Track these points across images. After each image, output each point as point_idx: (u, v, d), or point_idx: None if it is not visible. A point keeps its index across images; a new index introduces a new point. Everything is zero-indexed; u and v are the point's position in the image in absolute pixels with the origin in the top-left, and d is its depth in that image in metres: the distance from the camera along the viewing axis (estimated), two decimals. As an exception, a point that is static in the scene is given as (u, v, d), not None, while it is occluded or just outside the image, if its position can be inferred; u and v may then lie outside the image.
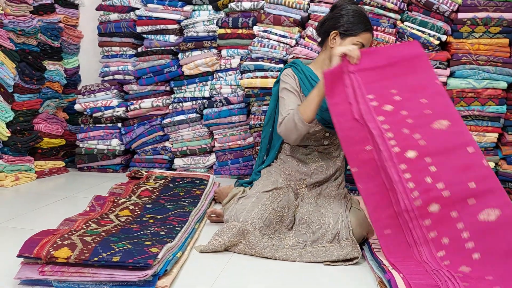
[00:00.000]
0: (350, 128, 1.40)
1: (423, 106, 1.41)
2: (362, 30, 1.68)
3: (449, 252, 1.23)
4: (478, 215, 1.24)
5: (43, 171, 2.62)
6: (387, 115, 1.39)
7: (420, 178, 1.28)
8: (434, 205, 1.26)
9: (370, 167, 1.36)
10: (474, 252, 1.22)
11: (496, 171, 2.38)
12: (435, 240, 1.25)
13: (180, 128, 2.74)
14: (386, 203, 1.32)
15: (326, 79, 1.44)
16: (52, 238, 1.29)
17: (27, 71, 2.50)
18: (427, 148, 1.33)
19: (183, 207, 1.78)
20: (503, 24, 2.28)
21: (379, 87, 1.45)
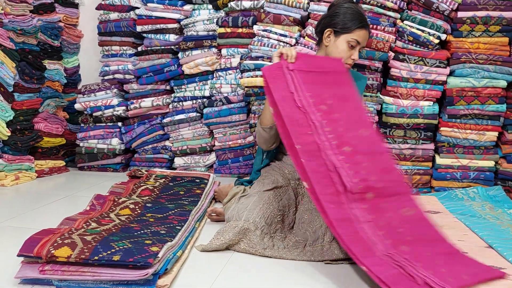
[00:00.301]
0: (293, 112, 1.49)
1: (350, 114, 1.58)
2: (356, 27, 1.69)
3: (386, 232, 1.33)
4: (400, 210, 1.41)
5: (43, 171, 2.62)
6: (324, 112, 1.53)
7: (357, 169, 1.42)
8: (370, 194, 1.40)
9: (313, 148, 1.44)
10: (406, 235, 1.35)
11: (496, 169, 2.38)
12: (375, 221, 1.35)
13: (180, 127, 2.74)
14: (326, 182, 1.38)
15: (264, 73, 1.56)
16: (53, 237, 1.29)
17: (27, 71, 2.51)
18: (357, 148, 1.48)
19: (184, 206, 1.78)
20: (502, 23, 2.28)
21: (316, 89, 1.58)
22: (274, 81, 1.54)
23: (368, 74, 2.37)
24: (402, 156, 2.41)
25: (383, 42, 2.32)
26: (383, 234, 1.33)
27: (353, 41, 1.70)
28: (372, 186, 1.40)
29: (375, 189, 1.40)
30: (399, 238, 1.33)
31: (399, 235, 1.34)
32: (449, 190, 2.35)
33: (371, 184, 1.40)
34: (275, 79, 1.55)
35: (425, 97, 2.36)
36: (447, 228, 1.76)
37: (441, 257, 1.32)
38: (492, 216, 1.94)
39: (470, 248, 1.55)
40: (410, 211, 1.42)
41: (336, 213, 1.32)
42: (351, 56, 1.74)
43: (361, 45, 1.75)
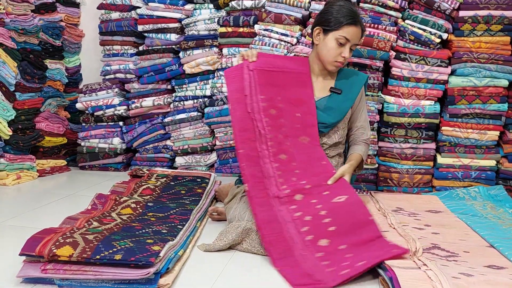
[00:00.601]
0: (243, 117, 1.63)
1: (295, 120, 1.68)
2: (344, 23, 1.67)
3: (311, 227, 1.43)
4: (332, 199, 1.50)
5: (44, 170, 2.62)
6: (271, 117, 1.64)
7: (288, 177, 1.55)
8: (299, 195, 1.52)
9: (254, 154, 1.58)
10: (330, 226, 1.43)
11: (498, 169, 2.38)
12: (300, 218, 1.46)
13: (182, 126, 2.74)
14: (262, 186, 1.53)
15: (225, 74, 1.71)
16: (54, 236, 1.29)
17: (29, 70, 2.51)
18: (294, 155, 1.61)
19: (185, 205, 1.78)
20: (504, 22, 2.28)
21: (271, 90, 1.68)
22: (233, 82, 1.68)
23: (369, 73, 2.37)
24: (403, 155, 2.41)
25: (384, 42, 2.32)
26: (307, 230, 1.43)
27: (341, 38, 1.68)
28: (302, 188, 1.53)
29: (305, 190, 1.53)
30: (322, 230, 1.42)
31: (322, 226, 1.43)
32: (451, 189, 2.35)
33: (300, 187, 1.53)
34: (234, 80, 1.68)
35: (426, 97, 2.36)
36: (449, 227, 1.76)
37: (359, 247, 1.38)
38: (493, 216, 1.93)
39: (471, 247, 1.55)
40: (342, 198, 1.50)
41: (265, 216, 1.46)
42: (340, 53, 1.71)
43: (352, 42, 1.71)
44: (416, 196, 2.29)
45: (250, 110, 1.63)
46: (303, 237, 1.41)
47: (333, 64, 1.72)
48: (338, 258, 1.34)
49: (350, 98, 1.75)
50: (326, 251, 1.37)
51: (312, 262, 1.33)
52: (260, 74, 1.69)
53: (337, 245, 1.39)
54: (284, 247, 1.40)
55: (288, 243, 1.41)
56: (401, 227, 1.69)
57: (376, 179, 2.47)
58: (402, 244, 1.51)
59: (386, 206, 2.00)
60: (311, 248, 1.38)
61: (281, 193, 1.51)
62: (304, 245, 1.39)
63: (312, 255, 1.36)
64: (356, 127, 1.78)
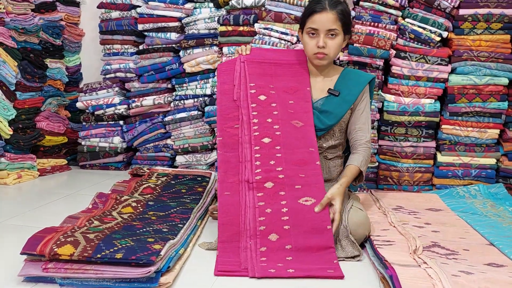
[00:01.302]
0: (227, 106, 1.69)
1: (289, 106, 1.69)
2: (307, 16, 1.66)
3: (267, 219, 1.46)
4: (299, 199, 1.50)
5: (45, 169, 2.63)
6: (259, 103, 1.68)
7: (266, 161, 1.57)
8: (269, 183, 1.53)
9: (233, 141, 1.63)
10: (286, 224, 1.45)
11: (498, 167, 2.38)
12: (261, 207, 1.48)
13: (182, 125, 2.74)
14: (235, 172, 1.57)
15: (218, 68, 1.78)
16: (55, 235, 1.30)
17: (29, 69, 2.51)
18: (280, 139, 1.62)
19: (185, 204, 1.78)
20: (504, 20, 2.28)
21: (262, 79, 1.74)
22: (223, 75, 1.75)
23: (369, 71, 2.36)
24: (403, 153, 2.41)
25: (385, 40, 2.31)
26: (263, 220, 1.46)
27: (309, 29, 1.66)
28: (275, 177, 1.54)
29: (277, 179, 1.54)
30: (277, 225, 1.45)
31: (279, 222, 1.46)
32: (451, 188, 2.35)
33: (274, 175, 1.54)
34: (225, 73, 1.75)
35: (427, 95, 2.36)
36: (449, 225, 1.77)
37: (303, 252, 1.40)
38: (493, 214, 1.94)
39: (472, 245, 1.55)
40: (309, 201, 1.50)
41: (228, 199, 1.51)
42: (316, 44, 1.65)
43: (322, 29, 1.63)
44: (416, 194, 2.30)
45: (236, 98, 1.68)
46: (257, 225, 1.45)
47: (315, 58, 1.68)
48: (276, 257, 1.38)
49: (348, 101, 1.71)
50: (271, 246, 1.41)
51: (251, 255, 1.38)
52: (251, 64, 1.75)
53: (284, 243, 1.41)
54: (234, 230, 1.45)
55: (239, 227, 1.46)
56: (401, 225, 1.70)
57: (376, 178, 2.47)
58: (402, 242, 1.52)
59: (386, 205, 2.00)
60: (259, 239, 1.42)
61: (251, 178, 1.53)
62: (254, 233, 1.43)
63: (255, 246, 1.40)
64: (355, 129, 1.72)
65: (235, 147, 1.62)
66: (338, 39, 1.67)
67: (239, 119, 1.66)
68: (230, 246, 1.43)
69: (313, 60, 1.71)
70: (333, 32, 1.64)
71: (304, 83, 1.75)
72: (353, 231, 1.50)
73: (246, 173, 1.55)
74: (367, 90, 1.77)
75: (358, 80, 1.76)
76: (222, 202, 1.52)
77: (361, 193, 2.25)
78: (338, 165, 1.80)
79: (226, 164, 1.58)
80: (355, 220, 1.53)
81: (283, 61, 1.80)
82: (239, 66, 1.75)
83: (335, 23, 1.63)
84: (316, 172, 1.57)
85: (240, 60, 1.76)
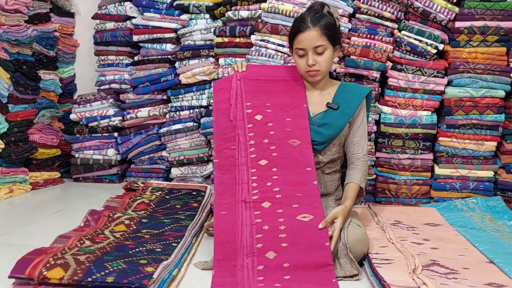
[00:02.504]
0: (224, 127, 1.68)
1: (286, 124, 1.68)
2: (293, 37, 1.67)
3: (265, 236, 1.44)
4: (297, 216, 1.48)
5: (38, 182, 2.58)
6: (256, 123, 1.67)
7: (263, 183, 1.56)
8: (267, 203, 1.52)
9: (230, 162, 1.62)
10: (284, 241, 1.43)
11: (495, 180, 2.36)
12: (258, 224, 1.46)
13: (177, 137, 2.71)
14: (231, 193, 1.56)
15: (213, 85, 1.78)
16: (45, 257, 1.26)
17: (22, 81, 2.48)
18: (277, 160, 1.60)
19: (180, 221, 1.75)
20: (500, 33, 2.28)
21: (258, 97, 1.72)
22: (219, 93, 1.74)
23: (366, 84, 2.35)
24: (401, 166, 2.39)
25: (381, 52, 2.30)
26: (261, 237, 1.43)
27: (297, 50, 1.66)
28: (272, 197, 1.53)
29: (274, 199, 1.52)
30: (274, 242, 1.42)
31: (276, 239, 1.43)
32: (449, 200, 2.33)
33: (271, 195, 1.53)
34: (221, 91, 1.74)
35: (423, 107, 2.35)
36: (448, 241, 1.74)
37: (302, 270, 1.38)
38: (492, 228, 1.92)
39: (471, 263, 1.53)
40: (307, 217, 1.48)
41: (224, 218, 1.49)
42: (306, 62, 1.65)
43: (309, 48, 1.62)
44: (414, 208, 2.27)
45: (233, 118, 1.67)
46: (254, 243, 1.42)
47: (308, 75, 1.69)
48: (273, 277, 1.35)
49: (347, 114, 1.70)
50: (268, 265, 1.38)
51: (247, 274, 1.35)
52: (247, 82, 1.74)
53: (282, 261, 1.38)
54: (230, 248, 1.43)
55: (236, 245, 1.43)
56: (400, 242, 1.67)
57: (374, 190, 2.45)
58: (400, 260, 1.49)
59: (385, 219, 1.98)
60: (256, 257, 1.39)
61: (248, 198, 1.52)
62: (251, 251, 1.41)
63: (252, 265, 1.37)
64: (352, 143, 1.72)
65: (232, 169, 1.60)
66: (327, 53, 1.65)
67: (235, 139, 1.65)
68: (226, 264, 1.39)
69: (307, 78, 1.72)
70: (320, 49, 1.63)
71: (300, 99, 1.73)
72: (351, 248, 1.48)
73: (243, 194, 1.53)
74: (365, 103, 1.76)
75: (356, 93, 1.75)
76: (218, 220, 1.50)
77: (359, 207, 2.22)
78: (336, 180, 1.78)
79: (223, 186, 1.57)
80: (354, 237, 1.50)
81: (279, 77, 1.79)
82: (235, 84, 1.73)
83: (320, 39, 1.62)
84: (313, 192, 1.55)
85: (236, 77, 1.75)
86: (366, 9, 2.34)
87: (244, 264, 1.38)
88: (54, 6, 2.83)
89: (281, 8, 2.40)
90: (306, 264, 1.38)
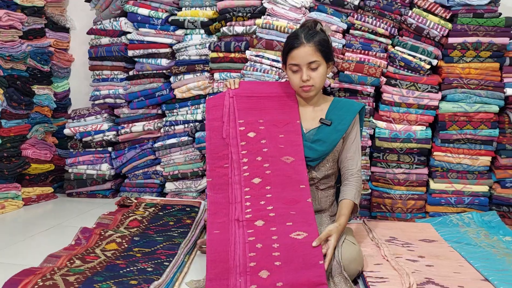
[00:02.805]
0: (217, 145, 1.67)
1: (279, 140, 1.66)
2: (287, 53, 1.68)
3: (258, 255, 1.42)
4: (291, 234, 1.47)
5: (30, 198, 2.56)
6: (249, 140, 1.66)
7: (256, 201, 1.54)
8: (260, 221, 1.50)
9: (223, 181, 1.60)
10: (277, 260, 1.41)
11: (490, 194, 2.36)
12: (251, 242, 1.45)
13: (172, 151, 2.70)
14: (224, 212, 1.54)
15: (206, 102, 1.78)
16: (33, 278, 1.24)
17: (15, 97, 2.47)
18: (270, 178, 1.59)
19: (173, 239, 1.73)
20: (493, 49, 2.29)
21: (251, 114, 1.71)
22: (212, 111, 1.73)
23: (360, 99, 2.36)
24: (396, 180, 2.38)
25: (375, 68, 2.32)
26: (254, 256, 1.42)
27: (291, 66, 1.67)
28: (265, 215, 1.51)
29: (267, 217, 1.50)
30: (267, 261, 1.41)
31: (269, 258, 1.41)
32: (444, 215, 2.32)
33: (264, 213, 1.51)
34: (214, 109, 1.73)
35: (418, 122, 2.35)
36: (443, 258, 1.73)
37: None
38: (487, 244, 1.90)
39: (466, 281, 1.51)
40: (301, 235, 1.46)
41: (216, 237, 1.48)
42: (300, 78, 1.65)
43: (303, 63, 1.63)
44: (409, 224, 2.26)
45: (225, 136, 1.67)
46: (247, 261, 1.40)
47: (301, 91, 1.69)
48: None
49: (340, 130, 1.70)
50: (261, 284, 1.35)
51: (239, 286, 1.34)
52: (240, 99, 1.73)
53: (275, 280, 1.36)
54: (223, 267, 1.41)
55: (229, 264, 1.41)
56: (395, 260, 1.65)
57: (369, 205, 2.43)
58: (395, 278, 1.48)
59: (380, 236, 1.96)
60: (249, 276, 1.37)
61: (242, 217, 1.50)
62: (244, 270, 1.39)
63: (245, 285, 1.35)
64: (346, 158, 1.72)
65: (225, 188, 1.58)
66: (321, 69, 1.66)
67: (228, 157, 1.63)
68: (218, 284, 1.37)
69: (301, 93, 1.72)
70: (314, 65, 1.64)
71: (293, 116, 1.72)
72: (345, 267, 1.46)
73: (236, 213, 1.52)
74: (358, 119, 1.76)
75: (349, 109, 1.75)
76: (211, 239, 1.48)
77: (354, 222, 2.21)
78: (330, 196, 1.77)
79: (216, 205, 1.56)
80: (348, 255, 1.49)
81: (272, 94, 1.78)
82: (228, 101, 1.72)
83: (314, 55, 1.63)
84: (307, 210, 1.53)
85: (228, 95, 1.74)
86: (360, 25, 2.36)
87: (237, 284, 1.36)
88: (49, 21, 2.84)
89: (275, 24, 2.42)
90: (299, 283, 1.36)
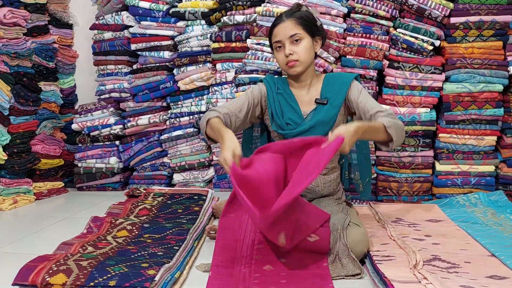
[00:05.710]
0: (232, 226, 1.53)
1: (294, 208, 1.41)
2: (270, 33, 1.70)
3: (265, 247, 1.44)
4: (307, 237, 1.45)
5: (41, 193, 2.61)
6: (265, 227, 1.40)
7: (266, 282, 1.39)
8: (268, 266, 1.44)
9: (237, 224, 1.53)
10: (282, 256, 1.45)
11: (497, 174, 2.36)
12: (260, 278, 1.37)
13: (178, 143, 2.73)
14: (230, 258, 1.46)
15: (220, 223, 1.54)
16: (48, 264, 1.27)
17: (23, 93, 2.51)
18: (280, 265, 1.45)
19: (182, 225, 1.76)
20: (496, 27, 2.28)
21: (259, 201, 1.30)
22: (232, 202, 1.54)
23: (363, 83, 2.36)
24: (401, 164, 2.39)
25: (377, 51, 2.32)
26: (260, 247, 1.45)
27: (275, 44, 1.68)
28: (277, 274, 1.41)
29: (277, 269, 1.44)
30: (272, 257, 1.43)
31: (274, 253, 1.44)
32: (451, 197, 2.32)
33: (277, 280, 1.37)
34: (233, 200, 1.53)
35: (422, 104, 2.35)
36: (449, 237, 1.74)
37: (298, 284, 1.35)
38: (494, 223, 1.91)
39: (473, 257, 1.52)
40: (313, 238, 1.47)
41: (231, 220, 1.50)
42: (285, 54, 1.65)
43: (284, 39, 1.63)
44: (416, 205, 2.27)
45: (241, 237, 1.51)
46: (253, 253, 1.44)
47: (288, 68, 1.67)
48: (270, 281, 1.34)
49: (337, 105, 1.68)
50: (265, 274, 1.38)
51: (243, 276, 1.36)
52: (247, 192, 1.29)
53: (279, 272, 1.40)
54: (229, 256, 1.44)
55: (236, 253, 1.44)
56: (401, 239, 1.67)
57: (375, 189, 2.44)
58: (402, 257, 1.49)
59: (386, 217, 1.98)
60: (254, 267, 1.41)
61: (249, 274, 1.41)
62: (249, 261, 1.42)
63: (250, 274, 1.37)
64: (364, 109, 1.61)
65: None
66: (304, 43, 1.66)
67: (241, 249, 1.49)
68: (223, 271, 1.40)
69: (288, 71, 1.70)
70: (296, 37, 1.64)
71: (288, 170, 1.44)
72: (351, 249, 1.48)
73: None
74: (353, 86, 1.71)
75: (342, 82, 1.73)
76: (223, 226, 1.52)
77: (361, 206, 2.22)
78: (333, 180, 1.77)
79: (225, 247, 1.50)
80: (353, 237, 1.50)
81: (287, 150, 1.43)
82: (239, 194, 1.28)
83: (295, 28, 1.64)
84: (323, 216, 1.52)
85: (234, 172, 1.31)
86: (360, 9, 2.36)
87: (241, 273, 1.39)
88: (52, 18, 2.87)
89: (275, 11, 2.42)
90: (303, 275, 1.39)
